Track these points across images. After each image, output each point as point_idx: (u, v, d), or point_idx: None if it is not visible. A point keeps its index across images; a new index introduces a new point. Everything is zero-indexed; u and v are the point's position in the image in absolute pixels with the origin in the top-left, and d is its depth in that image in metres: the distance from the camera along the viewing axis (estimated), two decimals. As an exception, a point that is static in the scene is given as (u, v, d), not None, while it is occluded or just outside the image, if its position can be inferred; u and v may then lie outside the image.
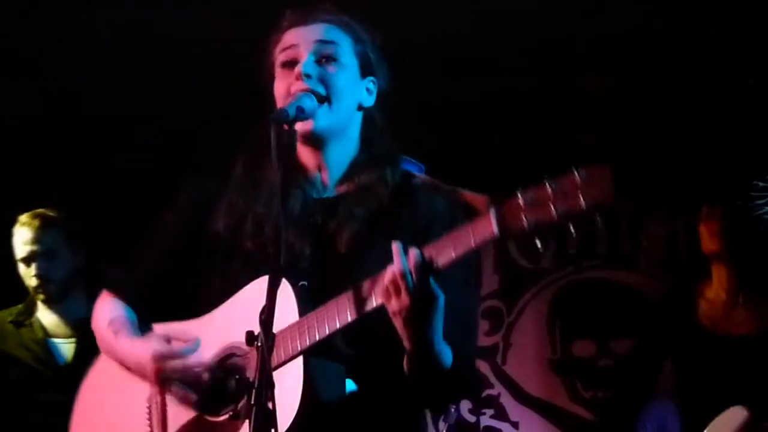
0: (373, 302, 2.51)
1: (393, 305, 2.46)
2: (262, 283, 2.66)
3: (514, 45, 5.05)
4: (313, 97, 2.72)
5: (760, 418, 4.14)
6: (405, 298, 2.43)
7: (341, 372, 2.63)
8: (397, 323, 2.49)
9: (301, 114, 2.66)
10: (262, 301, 2.55)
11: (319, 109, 2.74)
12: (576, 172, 2.27)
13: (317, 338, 2.55)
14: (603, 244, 5.86)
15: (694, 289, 4.64)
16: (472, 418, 5.79)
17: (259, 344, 2.38)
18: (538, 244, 2.32)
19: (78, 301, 4.68)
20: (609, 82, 5.33)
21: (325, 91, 2.76)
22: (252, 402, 2.32)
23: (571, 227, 2.27)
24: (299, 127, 2.68)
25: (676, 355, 4.57)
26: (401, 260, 2.43)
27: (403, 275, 2.42)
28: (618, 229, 5.84)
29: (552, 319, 5.90)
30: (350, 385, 2.64)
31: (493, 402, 5.86)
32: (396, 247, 2.45)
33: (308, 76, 2.75)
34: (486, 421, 5.83)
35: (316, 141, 2.79)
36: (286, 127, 2.62)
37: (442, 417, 5.55)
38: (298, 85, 2.75)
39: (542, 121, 5.48)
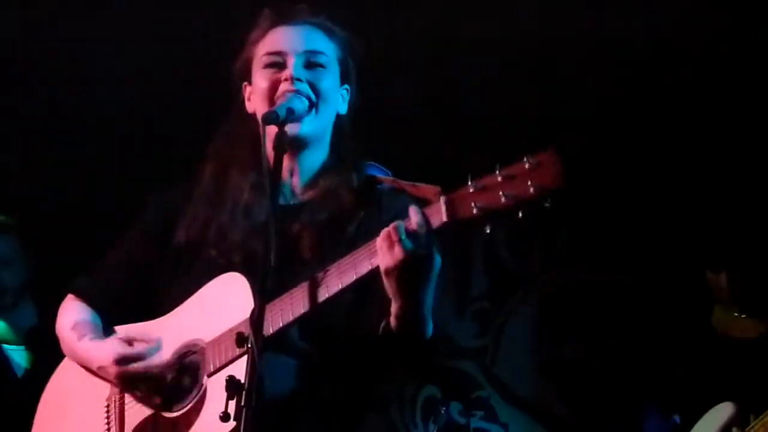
0: (369, 265, 2.51)
1: (387, 260, 2.46)
2: (220, 282, 2.74)
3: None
4: (304, 99, 2.74)
5: (748, 412, 4.19)
6: (398, 251, 2.44)
7: (290, 367, 2.66)
8: (390, 282, 2.49)
9: (291, 116, 2.68)
10: (219, 300, 2.64)
11: (306, 115, 2.76)
12: (525, 159, 2.29)
13: (298, 314, 2.57)
14: (593, 246, 5.87)
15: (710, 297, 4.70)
16: (462, 420, 5.78)
17: (249, 346, 2.40)
18: (488, 230, 2.34)
19: (28, 310, 4.64)
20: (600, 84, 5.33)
21: (315, 96, 2.78)
22: (242, 404, 2.35)
23: (520, 213, 2.30)
24: (286, 129, 2.70)
25: (687, 359, 4.63)
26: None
27: (397, 229, 2.44)
28: (607, 231, 5.85)
29: (541, 320, 5.90)
30: None
31: (483, 404, 5.86)
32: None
33: (299, 80, 2.77)
34: (476, 423, 5.82)
35: (297, 146, 2.81)
36: (276, 128, 2.64)
37: (432, 419, 5.57)
38: (288, 86, 2.77)
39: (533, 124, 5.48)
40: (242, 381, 2.39)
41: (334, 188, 2.82)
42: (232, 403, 2.40)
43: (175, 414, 2.72)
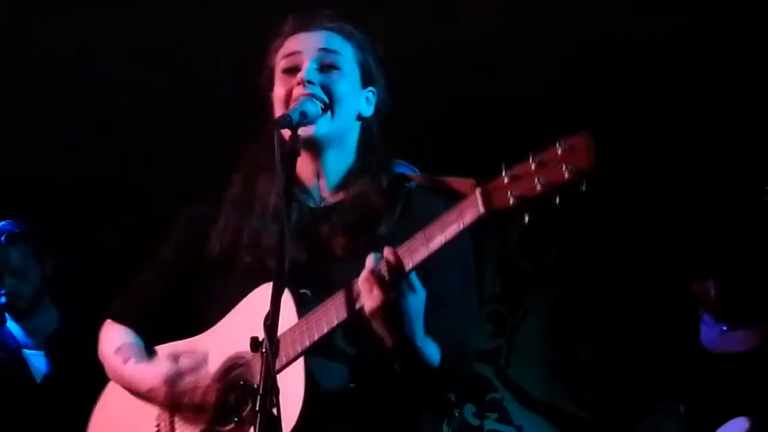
0: (357, 304, 2.52)
1: (368, 305, 2.47)
2: (262, 292, 2.70)
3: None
4: (317, 103, 2.74)
5: (764, 426, 4.16)
6: (378, 295, 2.45)
7: (343, 371, 2.64)
8: (375, 325, 2.50)
9: (305, 119, 2.68)
10: (263, 309, 2.56)
11: (320, 117, 2.75)
12: (557, 144, 2.26)
13: (316, 338, 2.56)
14: (606, 247, 5.86)
15: (696, 313, 4.68)
16: (476, 422, 5.78)
17: (264, 350, 2.39)
18: (526, 219, 2.31)
19: (49, 315, 4.64)
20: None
21: (327, 98, 2.78)
22: (257, 408, 2.33)
23: (557, 199, 2.26)
24: (300, 132, 2.69)
25: (682, 377, 4.60)
26: (373, 259, 2.46)
27: (374, 273, 2.45)
28: (621, 232, 5.83)
29: (555, 322, 5.89)
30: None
31: (497, 406, 5.86)
32: (370, 257, 2.48)
33: (311, 82, 2.77)
34: (490, 425, 5.82)
35: (314, 147, 2.81)
36: (289, 131, 2.63)
37: (447, 421, 5.55)
38: (300, 91, 2.76)
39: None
40: (256, 385, 2.37)
41: (364, 192, 2.81)
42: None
43: (226, 428, 2.69)
